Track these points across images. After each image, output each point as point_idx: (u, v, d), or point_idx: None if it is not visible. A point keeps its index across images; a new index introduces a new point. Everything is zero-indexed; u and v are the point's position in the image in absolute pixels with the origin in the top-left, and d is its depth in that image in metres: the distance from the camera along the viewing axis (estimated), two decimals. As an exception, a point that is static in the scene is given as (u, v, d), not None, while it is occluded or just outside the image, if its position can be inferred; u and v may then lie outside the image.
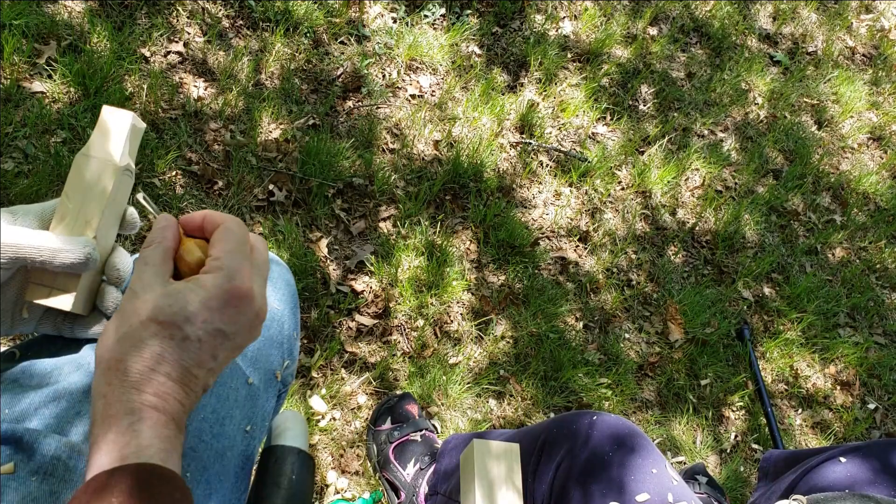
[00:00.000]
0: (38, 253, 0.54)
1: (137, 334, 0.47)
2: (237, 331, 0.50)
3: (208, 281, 0.49)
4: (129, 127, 0.64)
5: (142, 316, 0.47)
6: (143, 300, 0.48)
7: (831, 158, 2.37)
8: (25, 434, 0.55)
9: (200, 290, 0.49)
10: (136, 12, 1.70)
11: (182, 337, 0.48)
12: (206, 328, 0.48)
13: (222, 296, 0.49)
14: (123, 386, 0.46)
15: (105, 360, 0.47)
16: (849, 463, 0.97)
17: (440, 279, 1.63)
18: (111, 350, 0.47)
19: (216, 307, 0.49)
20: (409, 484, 1.27)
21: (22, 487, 0.53)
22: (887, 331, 2.05)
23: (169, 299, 0.48)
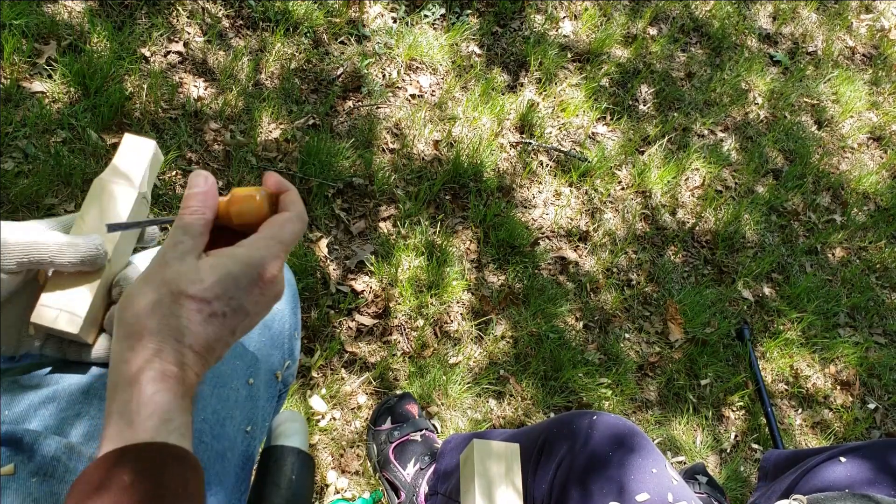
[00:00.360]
0: (47, 248, 0.53)
1: (166, 305, 0.47)
2: (258, 310, 0.51)
3: (242, 259, 0.49)
4: (151, 155, 0.65)
5: (172, 288, 0.47)
6: (176, 271, 0.48)
7: (831, 158, 2.37)
8: (25, 435, 0.55)
9: (234, 268, 0.49)
10: (136, 12, 1.70)
11: (210, 312, 0.48)
12: (232, 305, 0.49)
13: (254, 278, 0.49)
14: (148, 352, 0.46)
15: (129, 325, 0.47)
16: (849, 463, 0.97)
17: (440, 279, 1.63)
18: (137, 317, 0.47)
19: (245, 286, 0.49)
20: (409, 484, 1.27)
21: (22, 489, 0.53)
22: (887, 331, 2.05)
23: (202, 274, 0.48)
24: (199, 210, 0.52)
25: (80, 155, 1.47)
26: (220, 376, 0.66)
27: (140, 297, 0.48)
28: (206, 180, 0.53)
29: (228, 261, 0.49)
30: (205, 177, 0.53)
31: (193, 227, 0.51)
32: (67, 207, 1.42)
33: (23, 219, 1.37)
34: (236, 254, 0.49)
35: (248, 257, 0.49)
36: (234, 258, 0.49)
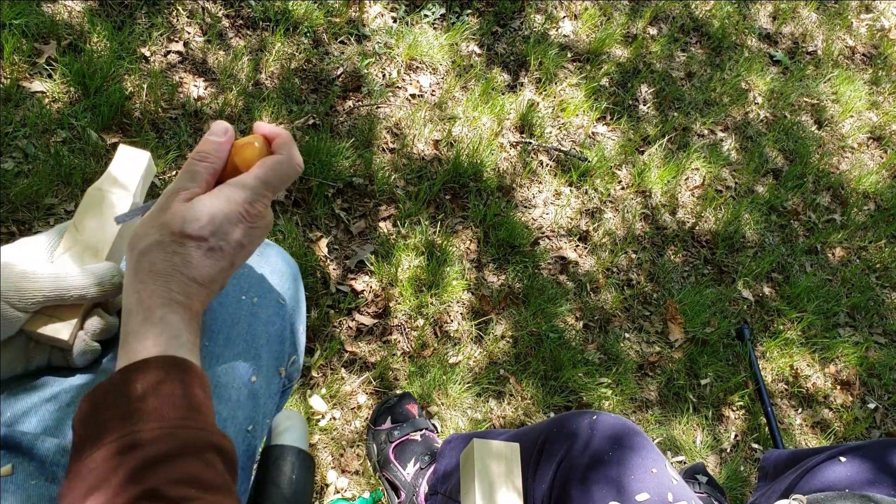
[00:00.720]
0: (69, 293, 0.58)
1: (169, 243, 0.53)
2: (251, 241, 0.56)
3: (230, 197, 0.54)
4: (144, 167, 0.67)
5: (173, 228, 0.53)
6: (176, 214, 0.53)
7: (831, 158, 2.37)
8: (23, 438, 0.55)
9: (224, 206, 0.54)
10: (136, 12, 1.70)
11: (208, 247, 0.53)
12: (226, 239, 0.54)
13: (241, 214, 0.55)
14: (156, 284, 0.52)
15: (137, 261, 0.53)
16: (849, 463, 0.97)
17: (440, 279, 1.63)
18: (144, 253, 0.53)
19: (235, 220, 0.54)
20: (409, 483, 1.27)
21: (20, 491, 0.53)
22: (887, 331, 2.05)
23: (200, 213, 0.53)
24: (211, 158, 0.57)
25: (80, 155, 1.47)
26: (221, 376, 0.66)
27: (146, 237, 0.53)
28: (227, 132, 0.58)
29: (217, 200, 0.54)
30: (226, 128, 0.58)
31: (200, 175, 0.56)
32: (67, 207, 1.42)
33: (23, 219, 1.37)
34: (224, 193, 0.55)
35: (234, 195, 0.54)
36: (222, 197, 0.54)
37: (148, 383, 0.48)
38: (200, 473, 0.46)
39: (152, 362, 0.49)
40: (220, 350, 0.67)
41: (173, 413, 0.48)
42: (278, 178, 0.56)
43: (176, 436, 0.46)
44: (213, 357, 0.66)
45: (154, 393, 0.48)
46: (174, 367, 0.50)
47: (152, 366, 0.49)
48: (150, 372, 0.48)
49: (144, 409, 0.47)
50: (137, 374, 0.48)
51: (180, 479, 0.45)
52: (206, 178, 0.56)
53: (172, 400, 0.48)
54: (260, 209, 0.55)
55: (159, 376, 0.48)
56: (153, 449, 0.45)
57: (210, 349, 0.66)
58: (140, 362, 0.49)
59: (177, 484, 0.44)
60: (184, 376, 0.50)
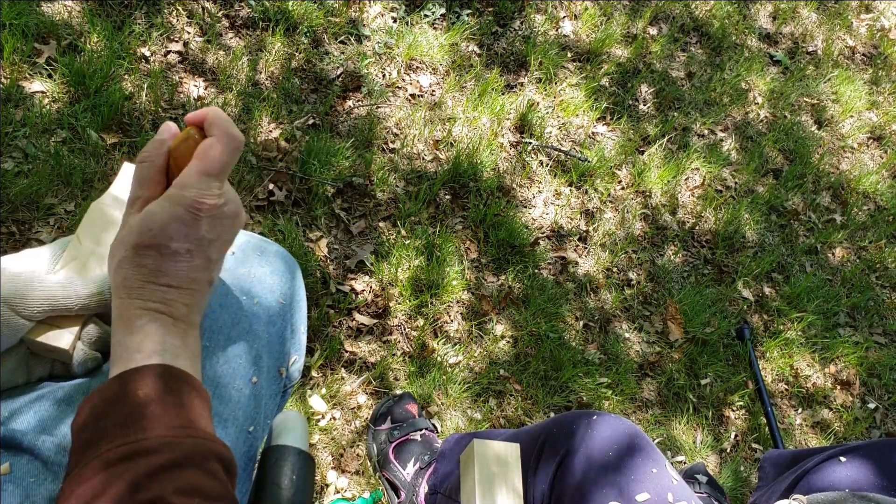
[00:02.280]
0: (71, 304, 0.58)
1: (133, 258, 0.52)
2: (220, 232, 0.55)
3: (177, 199, 0.52)
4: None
5: (131, 242, 0.52)
6: (132, 226, 0.53)
7: (831, 158, 2.37)
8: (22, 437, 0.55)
9: (174, 209, 0.52)
10: (136, 12, 1.70)
11: (171, 252, 0.52)
12: (189, 239, 0.53)
13: (194, 214, 0.52)
14: (131, 296, 0.52)
15: (113, 279, 0.54)
16: (849, 463, 0.97)
17: (440, 279, 1.63)
18: (117, 270, 0.53)
19: (189, 220, 0.52)
20: (408, 483, 1.27)
21: (19, 489, 0.53)
22: (887, 331, 2.05)
23: (149, 223, 0.52)
24: (150, 158, 0.55)
25: (80, 155, 1.47)
26: (222, 377, 0.66)
27: (115, 254, 0.54)
28: (169, 130, 0.56)
29: (165, 204, 0.52)
30: (169, 127, 0.56)
31: (145, 178, 0.55)
32: (67, 207, 1.42)
33: (23, 219, 1.37)
34: (169, 196, 0.53)
35: (180, 197, 0.52)
36: (168, 201, 0.53)
37: (146, 391, 0.48)
38: (203, 483, 0.46)
39: (145, 370, 0.49)
40: (220, 350, 0.66)
41: (174, 421, 0.47)
42: (217, 163, 0.53)
43: (178, 445, 0.46)
44: (214, 357, 0.66)
45: (152, 400, 0.47)
46: (166, 375, 0.49)
47: (147, 374, 0.49)
48: (146, 379, 0.48)
49: (144, 416, 0.47)
50: (134, 382, 0.48)
51: (184, 489, 0.44)
52: (152, 179, 0.54)
53: (171, 408, 0.48)
54: (212, 201, 0.53)
55: (155, 384, 0.48)
56: (155, 458, 0.45)
57: (211, 349, 0.66)
58: (134, 370, 0.49)
59: (181, 494, 0.44)
60: (176, 384, 0.49)
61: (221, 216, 0.54)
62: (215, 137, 0.54)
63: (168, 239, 0.52)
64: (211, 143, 0.54)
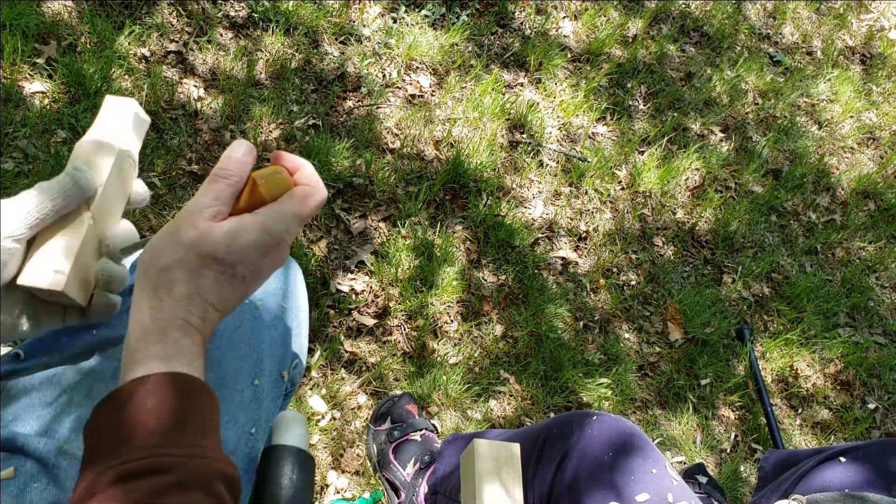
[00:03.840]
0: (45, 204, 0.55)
1: (194, 264, 0.51)
2: (269, 271, 0.56)
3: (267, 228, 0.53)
4: (132, 115, 0.63)
5: (200, 250, 0.51)
6: (205, 234, 0.51)
7: (831, 158, 2.37)
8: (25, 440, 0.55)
9: (258, 237, 0.52)
10: (136, 12, 1.70)
11: (232, 274, 0.52)
12: (251, 269, 0.53)
13: (272, 246, 0.53)
14: (175, 305, 0.50)
15: (154, 277, 0.51)
16: (848, 463, 0.97)
17: (440, 279, 1.63)
18: (166, 271, 0.51)
19: (264, 252, 0.53)
20: (408, 483, 1.27)
21: (22, 493, 0.53)
22: (887, 331, 2.05)
23: (229, 239, 0.51)
24: (235, 178, 0.54)
25: (80, 155, 1.47)
26: (224, 379, 0.66)
27: (168, 253, 0.51)
28: (249, 151, 0.56)
29: (252, 228, 0.52)
30: (248, 147, 0.56)
31: (225, 193, 0.53)
32: (67, 207, 1.41)
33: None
34: (260, 222, 0.53)
35: (270, 228, 0.53)
36: (258, 227, 0.52)
37: (158, 402, 0.46)
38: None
39: (164, 379, 0.47)
40: (222, 353, 0.67)
41: (182, 439, 0.46)
42: (310, 211, 0.55)
43: (184, 465, 0.45)
44: (217, 360, 0.66)
45: (164, 414, 0.46)
46: (187, 387, 0.48)
47: (163, 383, 0.47)
48: (161, 390, 0.47)
49: (153, 431, 0.46)
50: (147, 392, 0.47)
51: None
52: (230, 196, 0.54)
53: (181, 423, 0.47)
54: (289, 241, 0.55)
55: (169, 395, 0.47)
56: (163, 479, 0.44)
57: (213, 352, 0.66)
58: (149, 378, 0.47)
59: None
60: (195, 397, 0.48)
61: (279, 258, 0.55)
62: (316, 189, 0.56)
63: (240, 261, 0.52)
64: (311, 193, 0.56)
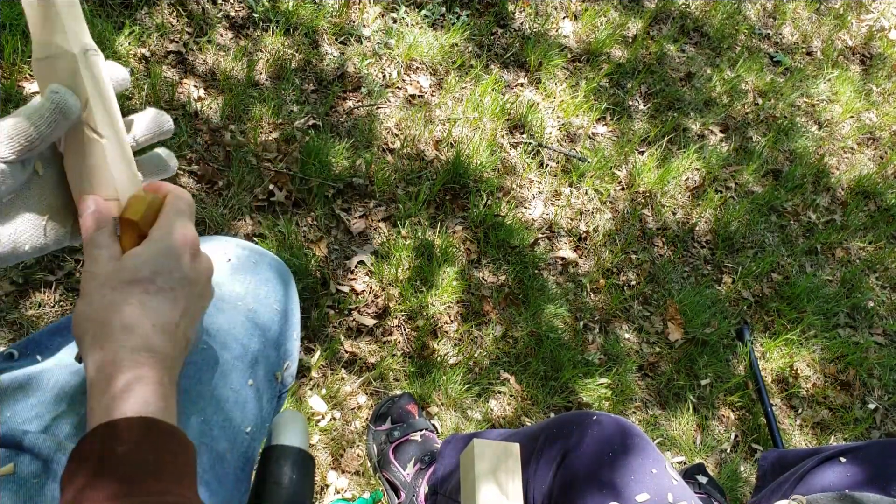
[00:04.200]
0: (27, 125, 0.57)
1: (116, 298, 0.50)
2: (197, 276, 0.55)
3: (161, 237, 0.53)
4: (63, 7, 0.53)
5: (113, 282, 0.51)
6: (111, 270, 0.52)
7: (830, 158, 2.37)
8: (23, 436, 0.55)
9: (158, 246, 0.52)
10: (136, 12, 1.70)
11: (157, 289, 0.51)
12: (174, 276, 0.52)
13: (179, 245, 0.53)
14: (114, 346, 0.49)
15: (92, 332, 0.50)
16: (848, 463, 0.97)
17: (440, 279, 1.63)
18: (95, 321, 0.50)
19: (177, 254, 0.53)
20: (408, 484, 1.27)
21: (22, 490, 0.53)
22: (887, 331, 2.05)
23: (134, 261, 0.52)
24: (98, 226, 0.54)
25: (80, 155, 1.47)
26: (219, 379, 0.66)
27: (91, 304, 0.51)
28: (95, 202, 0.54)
29: (150, 243, 0.53)
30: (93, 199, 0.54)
31: (101, 239, 0.53)
32: (67, 207, 1.42)
33: (23, 219, 1.37)
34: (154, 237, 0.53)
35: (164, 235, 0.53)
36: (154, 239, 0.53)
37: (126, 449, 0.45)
38: None
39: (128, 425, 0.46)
40: (217, 354, 0.67)
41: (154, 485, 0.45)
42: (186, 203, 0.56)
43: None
44: (211, 360, 0.66)
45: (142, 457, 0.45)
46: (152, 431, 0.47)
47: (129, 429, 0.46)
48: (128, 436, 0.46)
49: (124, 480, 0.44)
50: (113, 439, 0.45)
51: None
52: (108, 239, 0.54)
53: (159, 467, 0.46)
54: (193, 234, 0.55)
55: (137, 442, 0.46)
56: None
57: (208, 353, 0.66)
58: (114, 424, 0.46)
59: None
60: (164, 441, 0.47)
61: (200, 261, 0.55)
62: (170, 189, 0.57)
63: (156, 274, 0.51)
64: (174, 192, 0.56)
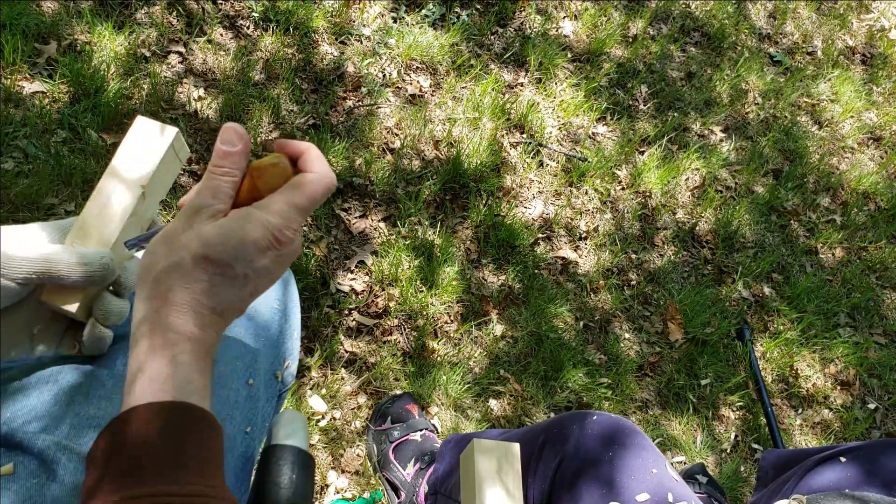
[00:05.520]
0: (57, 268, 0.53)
1: (188, 267, 0.48)
2: (275, 268, 0.51)
3: (262, 222, 0.49)
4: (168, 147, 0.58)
5: (194, 250, 0.48)
6: (199, 235, 0.48)
7: (831, 158, 2.37)
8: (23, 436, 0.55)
9: (253, 232, 0.49)
10: (136, 12, 1.70)
11: (232, 275, 0.49)
12: (253, 266, 0.49)
13: (271, 241, 0.49)
14: (170, 315, 0.47)
15: (150, 287, 0.48)
16: (848, 463, 0.97)
17: (440, 279, 1.63)
18: (160, 278, 0.48)
19: (265, 248, 0.49)
20: (409, 483, 1.27)
21: (22, 490, 0.53)
22: (887, 331, 2.05)
23: (223, 237, 0.48)
24: (232, 171, 0.51)
25: (80, 155, 1.47)
26: (219, 377, 0.66)
27: (163, 258, 0.48)
28: (242, 139, 0.52)
29: (247, 224, 0.49)
30: (239, 135, 0.52)
31: (222, 190, 0.50)
32: (67, 207, 1.42)
33: (23, 219, 1.37)
34: (255, 217, 0.49)
35: (264, 222, 0.49)
36: (253, 222, 0.49)
37: (156, 432, 0.44)
38: None
39: (163, 408, 0.45)
40: (217, 353, 0.67)
41: (182, 474, 0.44)
42: (311, 201, 0.51)
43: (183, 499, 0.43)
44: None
45: (163, 445, 0.44)
46: (186, 417, 0.46)
47: (163, 412, 0.45)
48: (161, 420, 0.44)
49: (151, 465, 0.43)
50: (149, 420, 0.44)
51: None
52: (228, 192, 0.51)
53: (181, 455, 0.44)
54: (291, 235, 0.50)
55: (170, 426, 0.44)
56: None
57: None
58: (150, 407, 0.45)
59: None
60: (195, 426, 0.46)
61: (286, 254, 0.51)
62: (318, 175, 0.52)
63: (236, 259, 0.48)
64: (311, 179, 0.51)
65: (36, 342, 0.57)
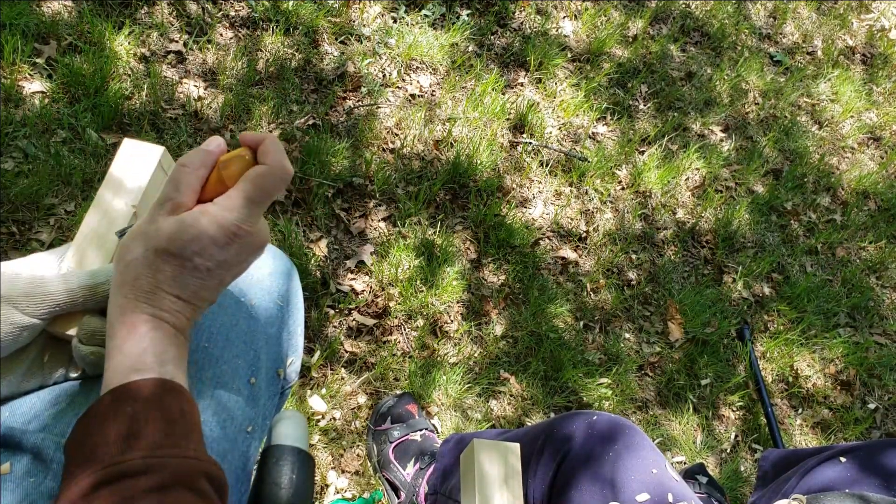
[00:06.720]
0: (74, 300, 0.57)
1: (152, 259, 0.51)
2: (241, 260, 0.55)
3: (217, 219, 0.52)
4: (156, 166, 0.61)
5: (154, 244, 0.51)
6: (160, 229, 0.52)
7: (831, 158, 2.37)
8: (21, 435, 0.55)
9: (209, 228, 0.52)
10: (136, 12, 1.70)
11: (192, 266, 0.52)
12: (214, 260, 0.52)
13: (229, 236, 0.52)
14: (138, 299, 0.51)
15: (122, 274, 0.52)
16: (848, 463, 0.97)
17: (440, 279, 1.63)
18: (129, 267, 0.52)
19: (223, 243, 0.52)
20: (409, 483, 1.27)
21: (19, 488, 0.53)
22: (887, 331, 2.05)
23: (180, 233, 0.51)
24: (196, 166, 0.54)
25: (80, 155, 1.47)
26: (220, 377, 0.66)
27: (131, 250, 0.52)
28: (219, 145, 0.55)
29: (204, 219, 0.52)
30: (218, 142, 0.56)
31: (185, 184, 0.53)
32: (67, 207, 1.42)
33: (23, 219, 1.37)
34: (211, 212, 0.52)
35: (221, 218, 0.52)
36: (209, 217, 0.52)
37: (138, 407, 0.47)
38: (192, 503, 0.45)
39: (141, 386, 0.48)
40: (219, 352, 0.67)
41: (163, 440, 0.46)
42: (264, 192, 0.53)
43: (166, 465, 0.45)
44: (213, 358, 0.66)
45: (143, 418, 0.46)
46: (163, 390, 0.48)
47: (141, 389, 0.48)
48: (139, 395, 0.47)
49: (133, 435, 0.46)
50: (125, 398, 0.47)
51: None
52: (191, 187, 0.53)
53: (161, 426, 0.47)
54: (248, 228, 0.53)
55: (148, 400, 0.47)
56: (143, 481, 0.44)
57: (209, 351, 0.66)
58: (127, 386, 0.48)
59: None
60: (172, 400, 0.49)
61: (249, 245, 0.54)
62: (269, 167, 0.54)
63: (195, 254, 0.51)
64: (264, 172, 0.53)
65: (48, 370, 0.60)
